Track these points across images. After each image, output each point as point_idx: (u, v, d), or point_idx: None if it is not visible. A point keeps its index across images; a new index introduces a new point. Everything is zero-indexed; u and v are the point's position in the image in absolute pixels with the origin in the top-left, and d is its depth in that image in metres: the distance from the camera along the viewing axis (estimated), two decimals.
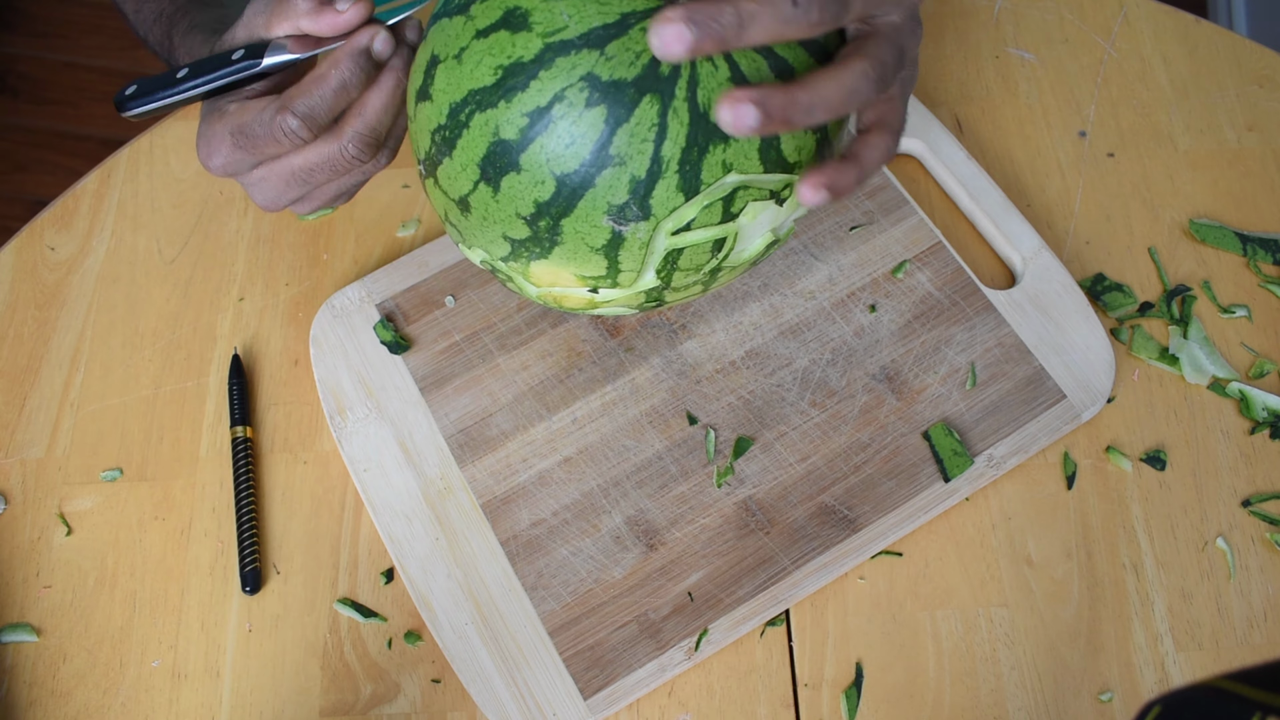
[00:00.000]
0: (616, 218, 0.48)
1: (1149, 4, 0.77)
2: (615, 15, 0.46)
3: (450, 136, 0.50)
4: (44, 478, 0.65)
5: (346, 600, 0.61)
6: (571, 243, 0.50)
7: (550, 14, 0.47)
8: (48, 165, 1.62)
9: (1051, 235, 0.70)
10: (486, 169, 0.49)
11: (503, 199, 0.49)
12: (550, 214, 0.49)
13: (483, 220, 0.51)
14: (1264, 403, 0.64)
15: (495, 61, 0.47)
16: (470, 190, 0.50)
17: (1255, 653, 0.59)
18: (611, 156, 0.47)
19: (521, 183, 0.48)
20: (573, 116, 0.46)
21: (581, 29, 0.46)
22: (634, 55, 0.46)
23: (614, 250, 0.50)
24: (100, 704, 0.59)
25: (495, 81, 0.47)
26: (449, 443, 0.63)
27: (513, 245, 0.51)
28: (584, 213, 0.48)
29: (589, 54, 0.46)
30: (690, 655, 0.58)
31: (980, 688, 0.58)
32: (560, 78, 0.46)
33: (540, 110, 0.47)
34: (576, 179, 0.47)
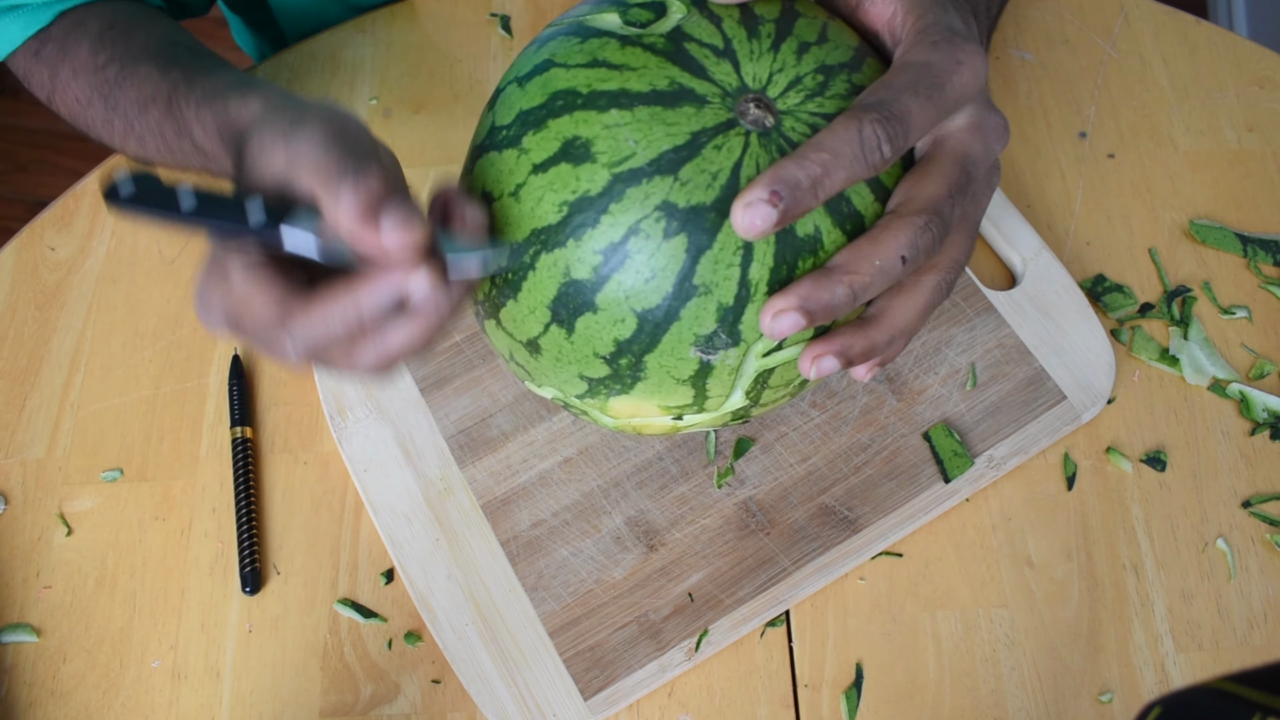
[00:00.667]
0: (704, 348, 0.46)
1: (1149, 4, 0.77)
2: (685, 136, 0.44)
3: (514, 279, 0.47)
4: (44, 478, 0.65)
5: (346, 601, 0.61)
6: (656, 377, 0.47)
7: (614, 142, 0.44)
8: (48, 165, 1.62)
9: (1051, 236, 0.70)
10: (558, 311, 0.46)
11: (578, 340, 0.46)
12: (632, 351, 0.46)
13: (556, 361, 0.48)
14: (1264, 404, 0.64)
15: (559, 198, 0.44)
16: (541, 333, 0.47)
17: (1255, 654, 0.59)
18: (696, 286, 0.44)
19: (599, 322, 0.46)
20: (650, 249, 0.43)
21: (650, 155, 0.43)
22: (710, 177, 0.43)
23: (702, 380, 0.47)
24: (100, 704, 0.59)
25: (561, 219, 0.44)
26: (449, 443, 0.63)
27: (590, 384, 0.49)
28: (669, 347, 0.46)
29: (662, 181, 0.43)
30: (690, 656, 0.58)
31: (980, 688, 0.58)
32: (633, 209, 0.43)
33: (614, 246, 0.44)
34: (660, 313, 0.45)
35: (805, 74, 0.45)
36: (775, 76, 0.45)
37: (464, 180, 0.49)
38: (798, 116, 0.45)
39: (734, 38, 0.46)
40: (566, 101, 0.45)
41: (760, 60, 0.45)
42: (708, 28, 0.46)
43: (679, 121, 0.44)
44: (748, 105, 0.44)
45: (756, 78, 0.45)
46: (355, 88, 0.76)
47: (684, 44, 0.45)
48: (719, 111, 0.44)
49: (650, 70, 0.44)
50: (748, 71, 0.45)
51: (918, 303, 0.46)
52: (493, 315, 0.49)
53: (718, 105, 0.44)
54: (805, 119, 0.45)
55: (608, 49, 0.45)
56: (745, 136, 0.44)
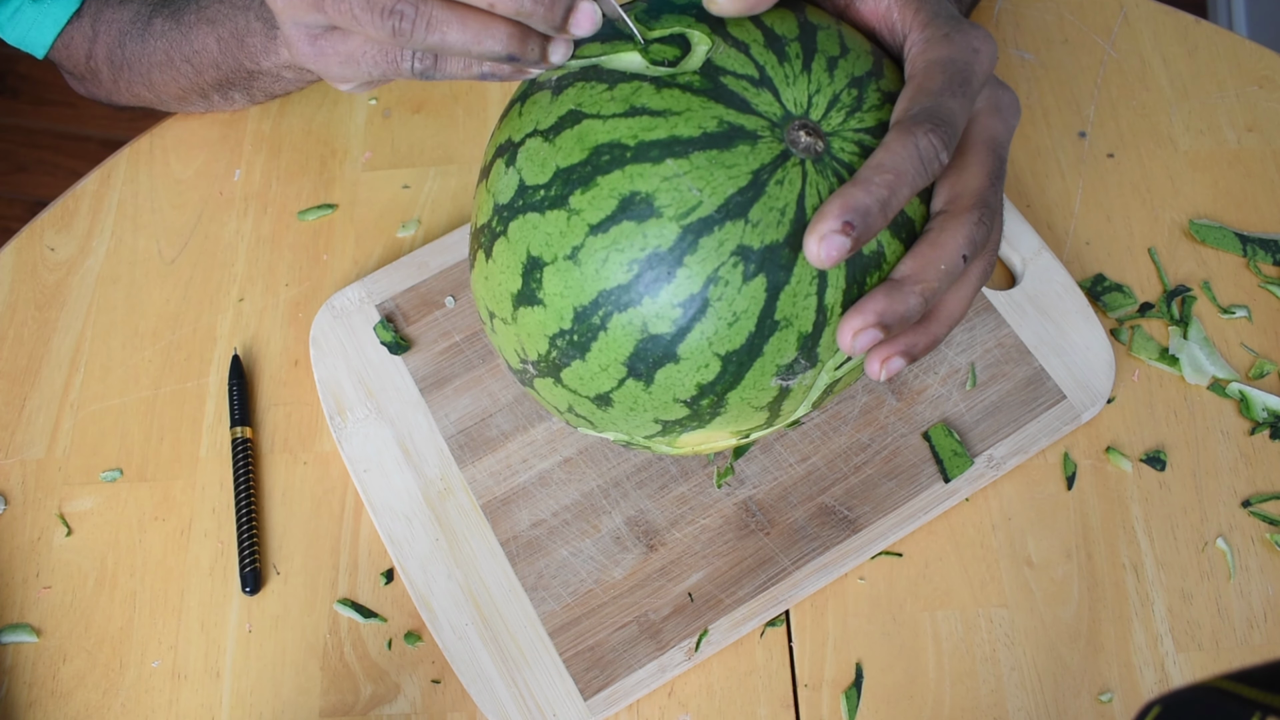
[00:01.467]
0: (784, 375, 0.46)
1: (1149, 4, 0.77)
2: (746, 176, 0.43)
3: (581, 340, 0.46)
4: (44, 478, 0.65)
5: (346, 601, 0.61)
6: (735, 409, 0.47)
7: (678, 193, 0.43)
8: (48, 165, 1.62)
9: (1051, 236, 0.70)
10: (635, 366, 0.45)
11: (657, 390, 0.46)
12: (715, 391, 0.46)
13: (629, 411, 0.48)
14: (1264, 403, 0.64)
15: (627, 257, 0.43)
16: (614, 388, 0.47)
17: (1255, 653, 0.59)
18: (778, 322, 0.44)
19: (681, 371, 0.45)
20: (731, 295, 0.43)
21: (717, 201, 0.43)
22: (778, 214, 0.43)
23: (778, 403, 0.48)
24: (100, 704, 0.59)
25: (633, 278, 0.44)
26: (449, 443, 0.63)
27: (664, 425, 0.49)
28: (752, 381, 0.46)
29: (733, 226, 0.43)
30: (690, 656, 0.58)
31: (980, 688, 0.58)
32: (710, 258, 0.43)
33: (694, 296, 0.43)
34: (744, 353, 0.45)
35: (841, 90, 0.45)
36: (815, 98, 0.45)
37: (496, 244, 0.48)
38: (843, 136, 0.45)
39: (766, 64, 0.45)
40: (614, 156, 0.44)
41: (797, 84, 0.45)
42: (738, 57, 0.45)
43: (737, 162, 0.43)
44: (798, 134, 0.44)
45: (798, 103, 0.45)
46: None
47: (720, 78, 0.44)
48: (772, 145, 0.44)
49: (695, 112, 0.43)
50: (788, 97, 0.44)
51: (968, 292, 0.47)
52: (548, 375, 0.49)
53: (769, 139, 0.44)
54: (851, 137, 0.45)
55: (643, 94, 0.44)
56: (801, 166, 0.44)
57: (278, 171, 0.74)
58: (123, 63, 0.70)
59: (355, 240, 0.71)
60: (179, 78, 0.69)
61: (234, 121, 0.76)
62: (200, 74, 0.69)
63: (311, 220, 0.72)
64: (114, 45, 0.70)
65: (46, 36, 0.71)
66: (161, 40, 0.68)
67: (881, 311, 0.43)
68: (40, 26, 0.70)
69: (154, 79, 0.70)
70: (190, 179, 0.74)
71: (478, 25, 0.46)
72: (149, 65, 0.69)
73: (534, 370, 0.49)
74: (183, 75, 0.69)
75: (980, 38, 0.46)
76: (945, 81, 0.44)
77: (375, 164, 0.74)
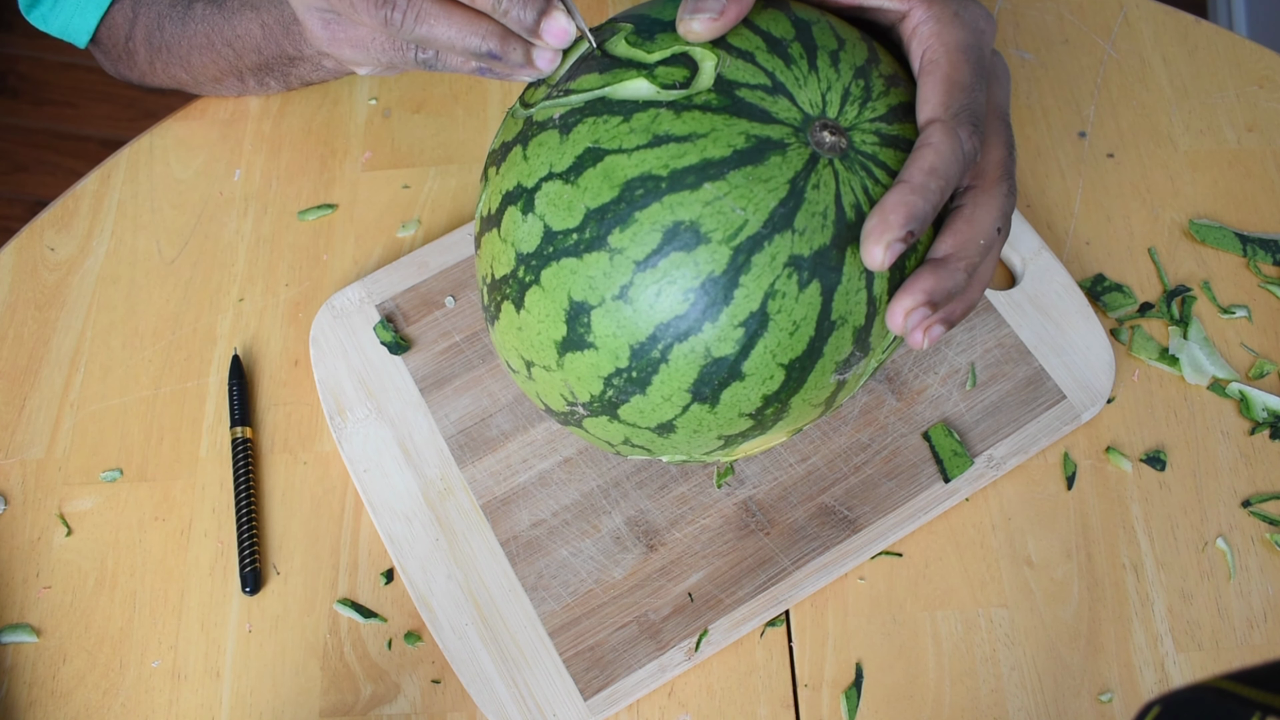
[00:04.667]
0: (842, 370, 0.47)
1: (1149, 4, 0.77)
2: (785, 186, 0.43)
3: (641, 376, 0.46)
4: (44, 478, 0.65)
5: (346, 601, 0.61)
6: (797, 410, 0.48)
7: (722, 215, 0.43)
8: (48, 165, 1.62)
9: (1051, 236, 0.70)
10: (700, 391, 0.46)
11: (722, 409, 0.47)
12: (779, 399, 0.47)
13: (693, 434, 0.48)
14: (1264, 403, 0.64)
15: (681, 288, 0.43)
16: (678, 415, 0.47)
17: (1255, 653, 0.59)
18: (835, 322, 0.45)
19: (746, 387, 0.46)
20: (790, 306, 0.44)
21: (762, 217, 0.43)
22: (821, 218, 0.43)
23: (835, 395, 0.49)
24: (100, 704, 0.59)
25: (689, 307, 0.44)
26: (449, 443, 0.63)
27: (727, 440, 0.49)
28: (814, 382, 0.46)
29: (781, 239, 0.43)
30: (690, 656, 0.58)
31: (980, 688, 0.58)
32: (765, 274, 0.43)
33: (754, 314, 0.44)
34: (806, 358, 0.45)
35: (849, 84, 0.46)
36: (828, 96, 0.45)
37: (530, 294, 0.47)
38: (861, 129, 0.45)
39: (775, 69, 0.45)
40: (647, 189, 0.43)
41: (808, 84, 0.45)
42: (746, 67, 0.45)
43: (773, 174, 0.43)
44: (821, 135, 0.44)
45: (814, 104, 0.45)
46: (355, 87, 0.76)
47: (735, 92, 0.44)
48: (800, 150, 0.44)
49: (721, 131, 0.43)
50: (803, 100, 0.45)
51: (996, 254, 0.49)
52: (603, 414, 0.48)
53: (796, 144, 0.44)
54: (868, 128, 0.45)
55: (663, 121, 0.44)
56: (831, 166, 0.44)
57: (278, 171, 0.74)
58: (161, 44, 0.71)
59: (355, 240, 0.71)
60: (219, 60, 0.70)
61: (234, 121, 0.76)
62: (241, 58, 0.69)
63: (311, 220, 0.72)
64: (153, 27, 0.71)
65: (90, 22, 0.71)
66: (203, 24, 0.69)
67: (931, 290, 0.44)
68: (84, 13, 0.71)
69: (192, 61, 0.71)
70: (190, 179, 0.74)
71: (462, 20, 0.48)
72: (189, 48, 0.70)
73: (584, 411, 0.49)
74: (222, 58, 0.70)
75: (983, 16, 0.48)
76: (972, 73, 0.46)
77: (375, 164, 0.74)
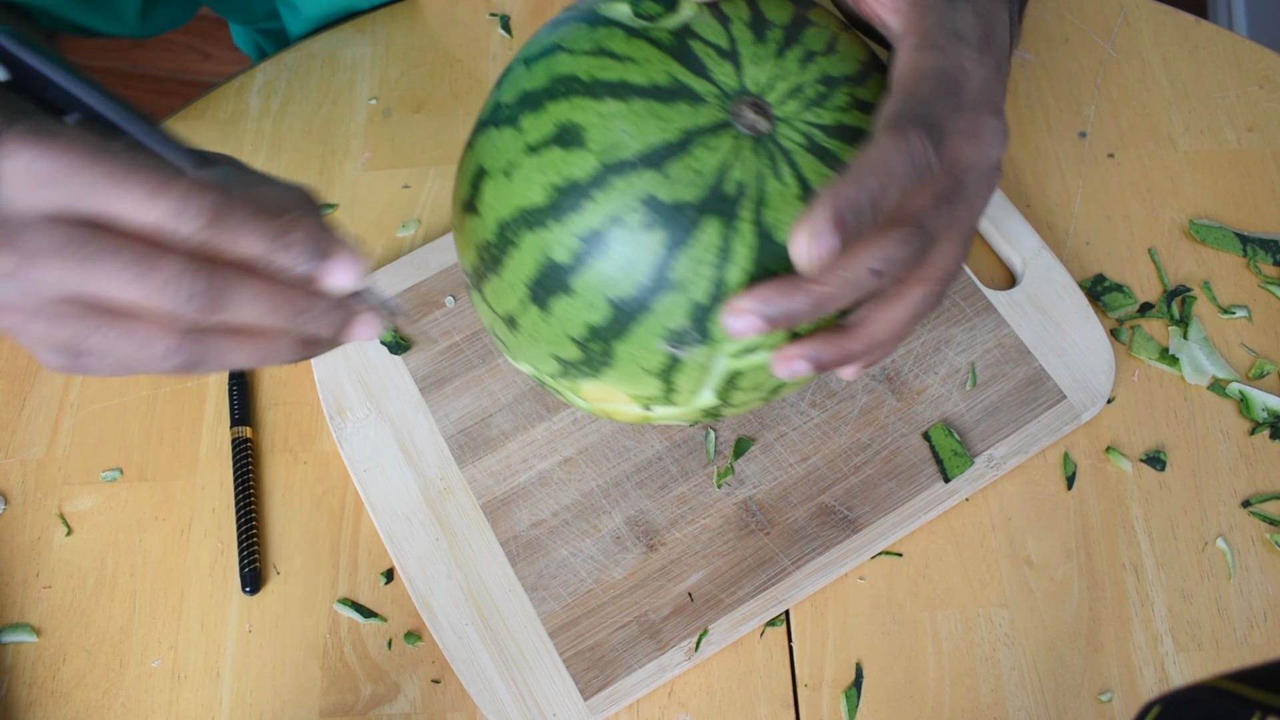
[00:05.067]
0: (674, 343, 0.46)
1: (1149, 4, 0.77)
2: (677, 132, 0.44)
3: (498, 254, 0.47)
4: (44, 478, 0.65)
5: (346, 600, 0.61)
6: (625, 365, 0.47)
7: (607, 131, 0.44)
8: None
9: (1051, 235, 0.70)
10: (535, 290, 0.46)
11: (552, 321, 0.47)
12: (602, 338, 0.46)
13: (531, 339, 0.49)
14: (1264, 403, 0.64)
15: (548, 180, 0.45)
16: (519, 309, 0.48)
17: (1255, 653, 0.59)
18: (670, 281, 0.44)
19: (573, 306, 0.46)
20: (629, 240, 0.44)
21: (639, 147, 0.43)
22: (695, 175, 0.43)
23: (669, 373, 0.47)
24: (100, 704, 0.59)
25: (548, 202, 0.45)
26: (449, 443, 0.63)
27: (562, 365, 0.49)
28: (639, 338, 0.46)
29: (647, 174, 0.43)
30: (690, 656, 0.58)
31: (980, 688, 0.58)
32: (616, 199, 0.43)
33: (595, 233, 0.44)
34: (632, 304, 0.45)
35: (807, 83, 0.45)
36: (777, 82, 0.45)
37: (465, 155, 0.50)
38: (793, 125, 0.45)
39: (740, 40, 0.46)
40: (567, 87, 0.45)
41: (763, 65, 0.45)
42: (715, 28, 0.46)
43: (673, 118, 0.44)
44: (743, 108, 0.44)
45: (757, 82, 0.45)
46: (355, 87, 0.76)
47: (689, 41, 0.45)
48: (714, 112, 0.44)
49: (652, 64, 0.45)
50: (749, 75, 0.45)
51: (900, 314, 0.45)
52: (477, 288, 0.50)
53: (714, 105, 0.44)
54: (800, 128, 0.45)
55: (614, 39, 0.46)
56: (736, 140, 0.44)
57: (277, 171, 0.74)
58: None
59: (355, 240, 0.71)
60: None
61: (234, 121, 0.76)
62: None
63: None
64: None
65: None
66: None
67: (766, 300, 0.42)
68: None
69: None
70: None
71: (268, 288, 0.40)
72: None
73: (470, 283, 0.51)
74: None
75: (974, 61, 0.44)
76: (936, 90, 0.43)
77: (375, 164, 0.74)
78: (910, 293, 0.45)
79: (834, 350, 0.45)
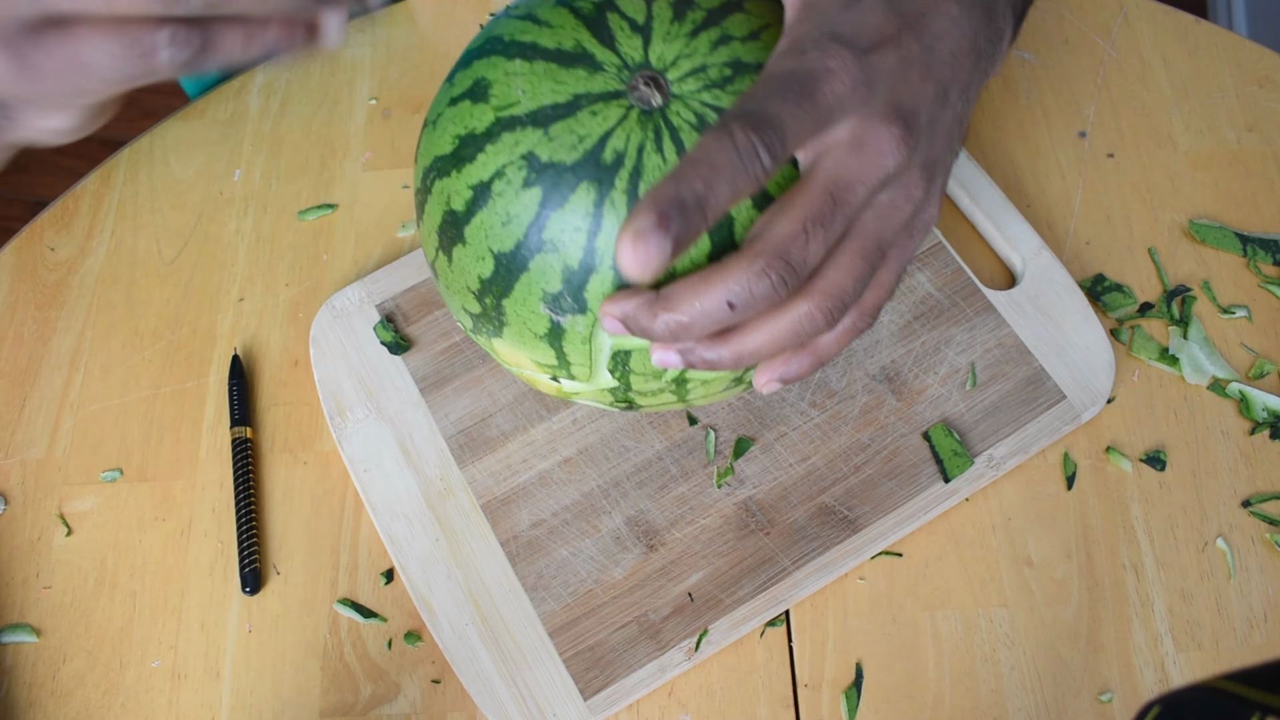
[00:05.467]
0: (552, 306, 0.47)
1: (1149, 4, 0.77)
2: (567, 96, 0.45)
3: (420, 201, 0.50)
4: (44, 478, 0.65)
5: (346, 601, 0.61)
6: (516, 325, 0.48)
7: (507, 88, 0.46)
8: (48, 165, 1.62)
9: (1051, 235, 0.70)
10: (441, 237, 0.49)
11: (455, 270, 0.49)
12: (492, 292, 0.48)
13: (446, 289, 0.51)
14: (1264, 403, 0.64)
15: (454, 130, 0.47)
16: (434, 257, 0.50)
17: (1255, 653, 0.59)
18: (545, 241, 0.45)
19: (467, 256, 0.47)
20: (509, 195, 0.45)
21: (531, 106, 0.45)
22: (577, 138, 0.44)
23: (557, 340, 0.48)
24: (100, 704, 0.59)
25: (452, 151, 0.47)
26: (449, 443, 0.63)
27: (472, 319, 0.51)
28: (521, 296, 0.47)
29: (532, 132, 0.45)
30: (690, 656, 0.58)
31: (980, 688, 0.58)
32: (503, 153, 0.45)
33: (483, 185, 0.46)
34: (512, 260, 0.46)
35: (713, 65, 0.46)
36: (680, 60, 0.46)
37: None
38: (688, 103, 0.45)
39: (657, 16, 0.47)
40: (491, 46, 0.48)
41: (672, 42, 0.46)
42: (637, 3, 0.47)
43: (567, 81, 0.45)
44: (637, 80, 0.45)
45: (662, 58, 0.46)
46: (355, 88, 0.76)
47: (607, 13, 0.47)
48: (610, 80, 0.45)
49: (564, 30, 0.46)
50: (655, 50, 0.46)
51: (778, 329, 0.43)
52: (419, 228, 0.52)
53: (611, 75, 0.45)
54: (695, 107, 0.45)
55: (544, 6, 0.48)
56: (626, 110, 0.45)
57: (278, 171, 0.74)
58: None
59: (355, 240, 0.71)
60: None
61: (234, 121, 0.76)
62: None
63: (311, 220, 0.72)
64: None
65: None
66: None
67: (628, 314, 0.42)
68: None
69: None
70: (190, 179, 0.74)
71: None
72: None
73: None
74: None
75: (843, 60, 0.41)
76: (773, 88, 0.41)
77: (375, 164, 0.74)
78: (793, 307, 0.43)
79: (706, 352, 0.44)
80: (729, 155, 0.39)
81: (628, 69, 0.46)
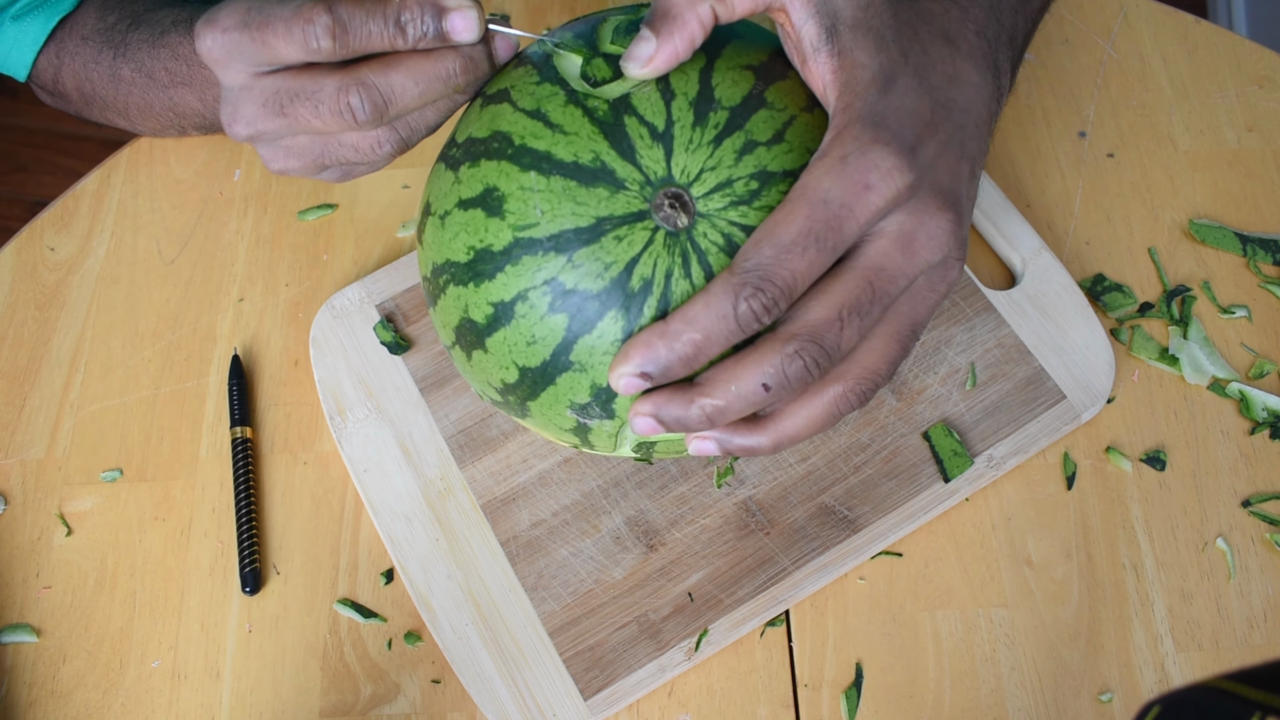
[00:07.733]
0: (580, 413, 0.46)
1: (1149, 4, 0.77)
2: (589, 219, 0.43)
3: (434, 292, 0.49)
4: (44, 478, 0.65)
5: (346, 601, 0.61)
6: (540, 419, 0.49)
7: (524, 205, 0.44)
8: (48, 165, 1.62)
9: (1051, 235, 0.70)
10: (459, 338, 0.48)
11: (475, 368, 0.49)
12: (517, 394, 0.47)
13: (464, 373, 0.51)
14: (1264, 403, 0.64)
15: (469, 241, 0.45)
16: (450, 344, 0.50)
17: (1255, 653, 0.59)
18: (572, 362, 0.45)
19: (489, 362, 0.47)
20: (533, 318, 0.44)
21: (552, 229, 0.43)
22: (603, 266, 0.43)
23: (583, 434, 0.48)
24: (100, 704, 0.59)
25: (467, 262, 0.45)
26: (449, 443, 0.63)
27: (492, 401, 0.51)
28: (548, 402, 0.47)
29: (555, 258, 0.43)
30: (690, 656, 0.58)
31: (980, 688, 0.58)
32: (524, 277, 0.44)
33: (505, 304, 0.45)
34: (539, 374, 0.46)
35: (739, 178, 0.44)
36: (705, 174, 0.44)
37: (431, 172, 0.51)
38: (714, 223, 0.43)
39: (677, 121, 0.44)
40: (501, 146, 0.45)
41: (695, 153, 0.44)
42: (656, 104, 0.44)
43: (589, 202, 0.43)
44: (663, 201, 0.43)
45: (686, 171, 0.44)
46: None
47: (624, 117, 0.44)
48: (633, 200, 0.43)
49: (580, 139, 0.44)
50: (678, 163, 0.44)
51: (813, 412, 0.44)
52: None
53: (634, 193, 0.43)
54: (722, 226, 0.43)
55: (554, 102, 0.45)
56: (651, 233, 0.43)
57: None
58: (94, 96, 0.69)
59: (355, 240, 0.71)
60: (160, 118, 0.69)
61: None
62: (183, 118, 0.69)
63: (311, 220, 0.72)
64: (81, 79, 0.69)
65: (26, 57, 0.69)
66: (138, 89, 0.67)
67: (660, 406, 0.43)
68: (21, 45, 0.68)
69: (131, 115, 0.70)
70: (190, 179, 0.74)
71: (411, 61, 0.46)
72: (126, 104, 0.68)
73: None
74: (163, 119, 0.69)
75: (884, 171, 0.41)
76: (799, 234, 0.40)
77: None
78: (827, 391, 0.44)
79: (743, 439, 0.45)
80: (727, 324, 0.41)
81: (650, 185, 0.43)
